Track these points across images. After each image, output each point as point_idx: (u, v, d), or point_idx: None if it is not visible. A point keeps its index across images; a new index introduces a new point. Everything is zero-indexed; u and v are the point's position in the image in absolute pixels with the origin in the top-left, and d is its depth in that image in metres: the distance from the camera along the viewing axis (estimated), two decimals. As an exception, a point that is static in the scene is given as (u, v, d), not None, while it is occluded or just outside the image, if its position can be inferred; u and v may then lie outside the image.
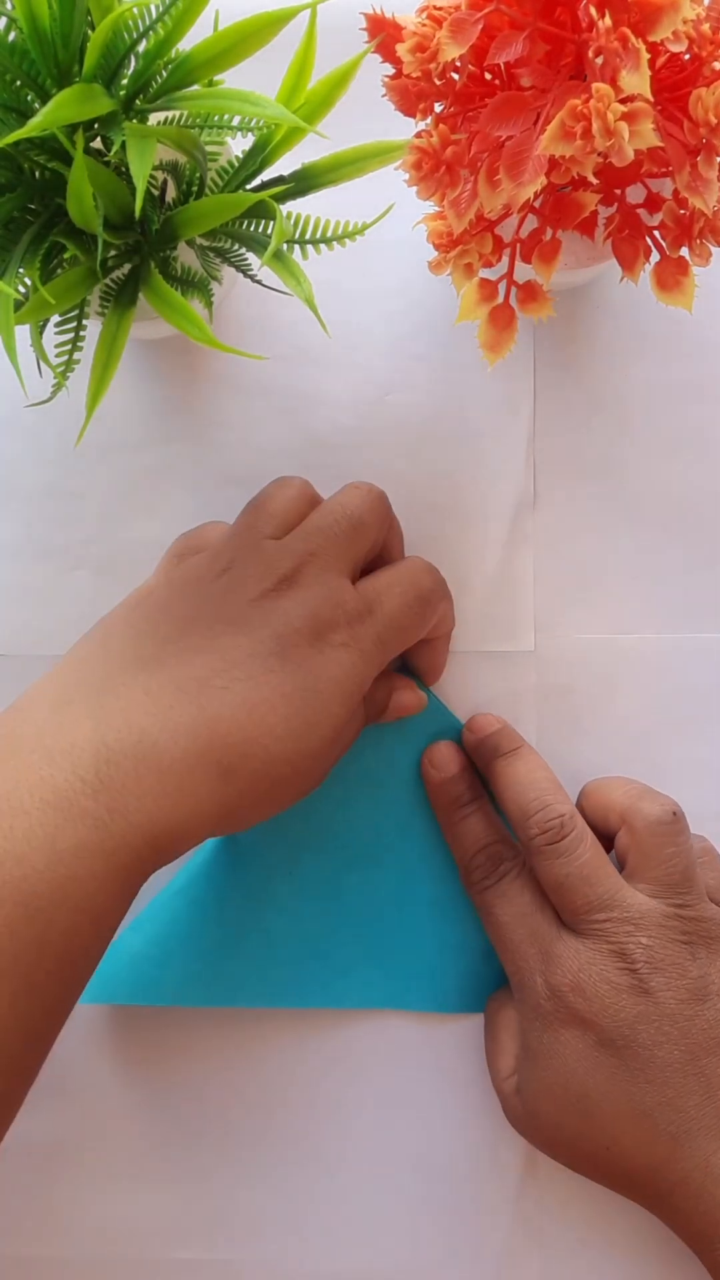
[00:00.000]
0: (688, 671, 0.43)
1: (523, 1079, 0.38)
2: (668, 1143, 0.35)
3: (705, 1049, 0.36)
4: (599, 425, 0.43)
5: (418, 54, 0.29)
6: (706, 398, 0.43)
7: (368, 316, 0.43)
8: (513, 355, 0.42)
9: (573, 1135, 0.37)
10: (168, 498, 0.43)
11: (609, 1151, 0.36)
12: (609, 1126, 0.36)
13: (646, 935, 0.37)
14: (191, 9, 0.30)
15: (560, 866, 0.38)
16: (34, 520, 0.43)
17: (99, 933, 0.32)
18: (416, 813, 0.42)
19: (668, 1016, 0.36)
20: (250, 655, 0.34)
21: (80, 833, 0.31)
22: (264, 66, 0.32)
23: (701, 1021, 0.36)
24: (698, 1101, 0.36)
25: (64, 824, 0.31)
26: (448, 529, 0.43)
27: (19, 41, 0.30)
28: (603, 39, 0.27)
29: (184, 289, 0.34)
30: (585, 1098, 0.36)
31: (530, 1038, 0.38)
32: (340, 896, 0.42)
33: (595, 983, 0.36)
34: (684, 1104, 0.36)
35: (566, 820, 0.38)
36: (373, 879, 0.42)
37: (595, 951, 0.37)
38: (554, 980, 0.37)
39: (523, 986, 0.38)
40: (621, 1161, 0.36)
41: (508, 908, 0.39)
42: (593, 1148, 0.36)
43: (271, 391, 0.43)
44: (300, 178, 0.34)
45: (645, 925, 0.37)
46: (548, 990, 0.37)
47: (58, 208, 0.32)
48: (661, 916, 0.37)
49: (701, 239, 0.32)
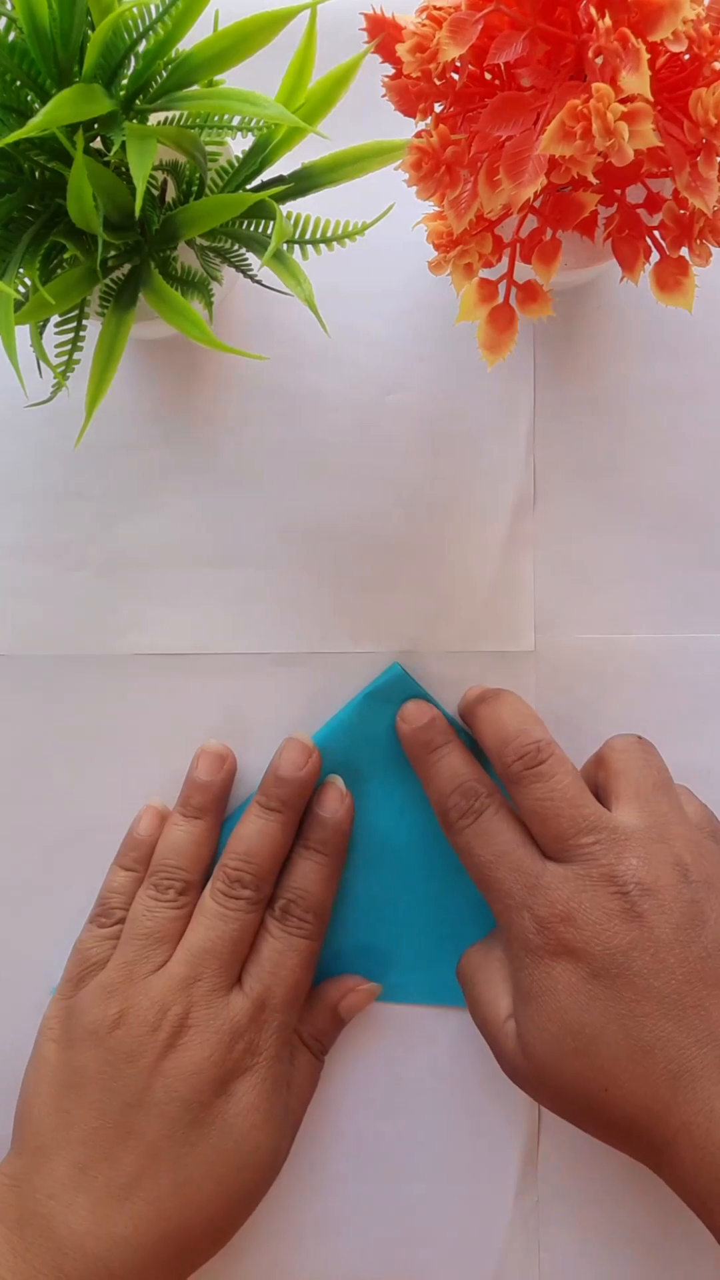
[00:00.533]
0: (688, 671, 0.43)
1: (519, 1023, 0.37)
2: (668, 1083, 0.34)
3: (704, 980, 0.34)
4: (599, 425, 0.43)
5: (418, 54, 0.29)
6: (706, 398, 0.43)
7: (368, 317, 0.43)
8: (513, 355, 0.42)
9: (571, 1078, 0.35)
10: (168, 498, 0.43)
11: (608, 1094, 0.34)
12: (608, 1065, 0.34)
13: (635, 856, 0.35)
14: (191, 9, 0.30)
15: (540, 791, 0.37)
16: (34, 520, 0.43)
17: None
18: (410, 808, 0.42)
19: (663, 943, 0.34)
20: (168, 1138, 0.36)
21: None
22: (264, 66, 0.32)
23: (698, 949, 0.35)
24: (698, 1038, 0.34)
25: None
26: (448, 529, 0.43)
27: (19, 41, 0.30)
28: (603, 39, 0.27)
29: (184, 289, 0.34)
30: (580, 1034, 0.35)
31: (522, 977, 0.36)
32: (340, 892, 0.42)
33: (585, 909, 0.35)
34: (683, 1040, 0.34)
35: (544, 745, 0.38)
36: (370, 875, 0.42)
37: (584, 878, 0.36)
38: (541, 912, 0.36)
39: (510, 925, 0.37)
40: (621, 1105, 0.34)
41: (487, 846, 0.38)
42: (592, 1090, 0.35)
43: (271, 391, 0.43)
44: (300, 178, 0.34)
45: (633, 845, 0.36)
46: (535, 924, 0.36)
47: (58, 208, 0.32)
48: (649, 833, 0.36)
49: (701, 239, 0.32)
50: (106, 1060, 0.37)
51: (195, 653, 0.43)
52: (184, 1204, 0.36)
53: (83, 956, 0.40)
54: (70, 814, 0.43)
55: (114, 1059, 0.37)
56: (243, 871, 0.40)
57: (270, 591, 0.43)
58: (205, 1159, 0.37)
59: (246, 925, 0.39)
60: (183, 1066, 0.37)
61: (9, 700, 0.43)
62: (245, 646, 0.43)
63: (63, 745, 0.43)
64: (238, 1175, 0.37)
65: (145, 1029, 0.37)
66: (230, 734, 0.43)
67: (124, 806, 0.43)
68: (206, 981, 0.38)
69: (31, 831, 0.43)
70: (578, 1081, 0.35)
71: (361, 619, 0.43)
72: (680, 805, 0.38)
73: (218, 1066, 0.37)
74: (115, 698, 0.43)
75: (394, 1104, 0.42)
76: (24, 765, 0.43)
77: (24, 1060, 0.40)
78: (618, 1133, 0.35)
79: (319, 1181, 0.42)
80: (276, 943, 0.39)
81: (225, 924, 0.39)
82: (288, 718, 0.43)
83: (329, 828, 0.41)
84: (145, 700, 0.43)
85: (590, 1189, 0.41)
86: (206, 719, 0.43)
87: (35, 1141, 0.37)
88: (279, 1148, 0.38)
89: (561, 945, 0.35)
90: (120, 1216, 0.36)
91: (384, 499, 0.43)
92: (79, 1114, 0.37)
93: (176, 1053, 0.37)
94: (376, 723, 0.42)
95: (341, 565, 0.43)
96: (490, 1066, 0.40)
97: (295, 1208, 0.42)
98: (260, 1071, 0.38)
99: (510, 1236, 0.41)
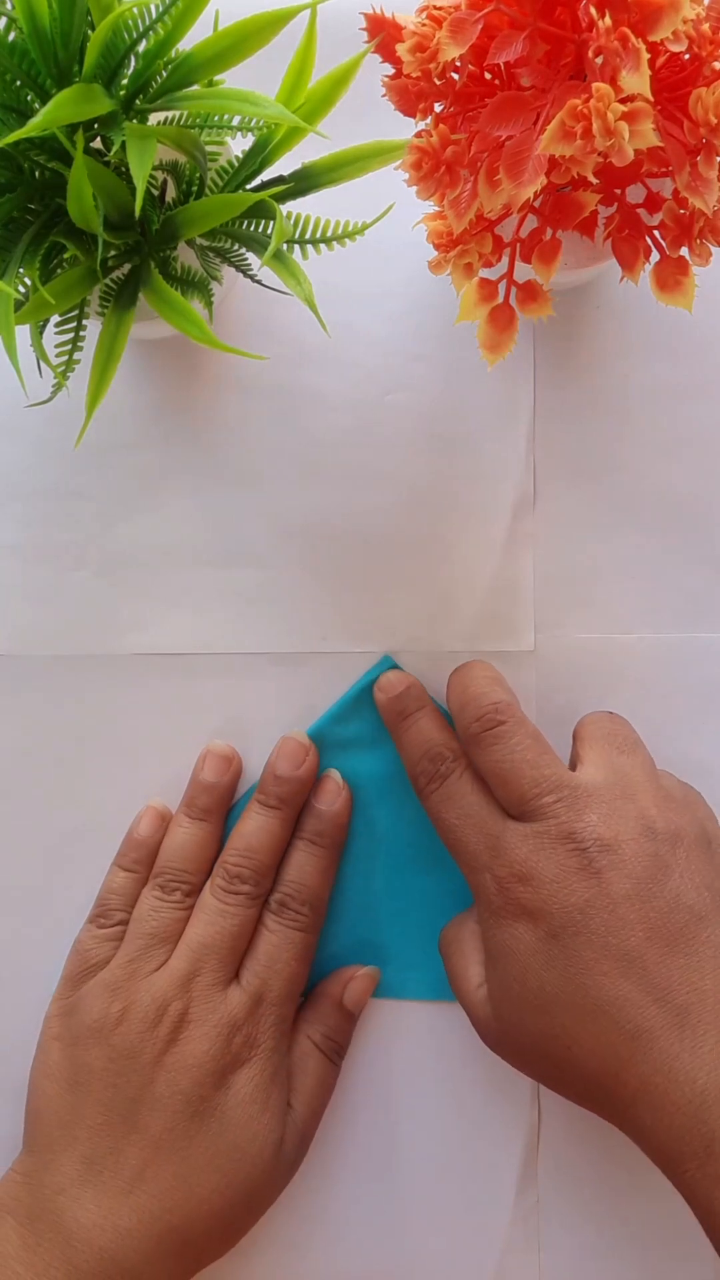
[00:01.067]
0: (688, 671, 0.43)
1: (489, 987, 0.37)
2: (627, 1042, 0.33)
3: (665, 935, 0.34)
4: (599, 425, 0.43)
5: (418, 54, 0.29)
6: (706, 398, 0.43)
7: (368, 316, 0.43)
8: (513, 355, 0.42)
9: (536, 1037, 0.35)
10: (168, 498, 0.43)
11: (570, 1052, 0.34)
12: (568, 1025, 0.34)
13: (595, 813, 0.35)
14: (191, 9, 0.30)
15: (498, 752, 0.37)
16: (34, 520, 0.43)
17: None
18: (406, 801, 0.42)
19: (620, 899, 0.34)
20: (170, 1130, 0.37)
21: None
22: (264, 66, 0.32)
23: (660, 903, 0.34)
24: (657, 997, 0.33)
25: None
26: (447, 529, 0.43)
27: (19, 41, 0.30)
28: (603, 39, 0.27)
29: (184, 289, 0.34)
30: (541, 994, 0.34)
31: (487, 939, 0.36)
32: (337, 889, 0.42)
33: (543, 868, 0.35)
34: (641, 999, 0.33)
35: (502, 706, 0.38)
36: (367, 871, 0.42)
37: (542, 836, 0.35)
38: (501, 873, 0.36)
39: (476, 888, 0.37)
40: (584, 1063, 0.34)
41: (453, 809, 0.38)
42: (556, 1050, 0.34)
43: (271, 391, 0.43)
44: (300, 178, 0.34)
45: (594, 802, 0.35)
46: (496, 885, 0.36)
47: (58, 208, 0.32)
48: (611, 791, 0.36)
49: (701, 239, 0.32)
50: (110, 1057, 0.38)
51: (195, 653, 0.43)
52: (187, 1196, 0.36)
53: (82, 957, 0.40)
54: (70, 814, 0.43)
55: (117, 1055, 0.38)
56: (243, 867, 0.40)
57: (270, 591, 0.43)
58: (206, 1150, 0.37)
59: (246, 920, 0.40)
60: (183, 1061, 0.37)
61: (9, 700, 0.43)
62: (245, 646, 0.43)
63: (63, 745, 0.43)
64: (238, 1167, 0.37)
65: (146, 1025, 0.38)
66: (230, 734, 0.43)
67: (124, 806, 0.43)
68: (206, 976, 0.38)
69: (31, 831, 0.43)
70: (541, 1041, 0.35)
71: (362, 619, 0.43)
72: (649, 764, 0.38)
73: (217, 1060, 0.38)
74: (115, 698, 0.43)
75: (393, 1103, 0.42)
76: (23, 765, 0.43)
77: (23, 1059, 0.40)
78: (583, 1092, 0.35)
79: (318, 1181, 0.42)
80: (273, 936, 0.40)
81: (225, 919, 0.39)
82: (288, 718, 0.43)
83: (326, 819, 0.41)
84: (145, 700, 0.43)
85: (590, 1189, 0.41)
86: (206, 719, 0.43)
87: (45, 1138, 0.38)
88: (281, 1140, 0.38)
89: (520, 906, 0.35)
90: (125, 1210, 0.36)
91: (384, 499, 0.43)
92: (85, 1110, 0.37)
93: (177, 1048, 0.38)
94: (369, 716, 0.42)
95: (341, 565, 0.43)
96: (491, 1064, 0.40)
97: (295, 1207, 0.42)
98: (258, 1064, 0.38)
99: (510, 1236, 0.41)
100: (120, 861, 0.42)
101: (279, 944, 0.40)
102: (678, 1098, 0.33)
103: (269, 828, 0.41)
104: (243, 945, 0.40)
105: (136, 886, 0.41)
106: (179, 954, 0.39)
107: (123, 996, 0.38)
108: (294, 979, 0.40)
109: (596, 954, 0.34)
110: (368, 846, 0.42)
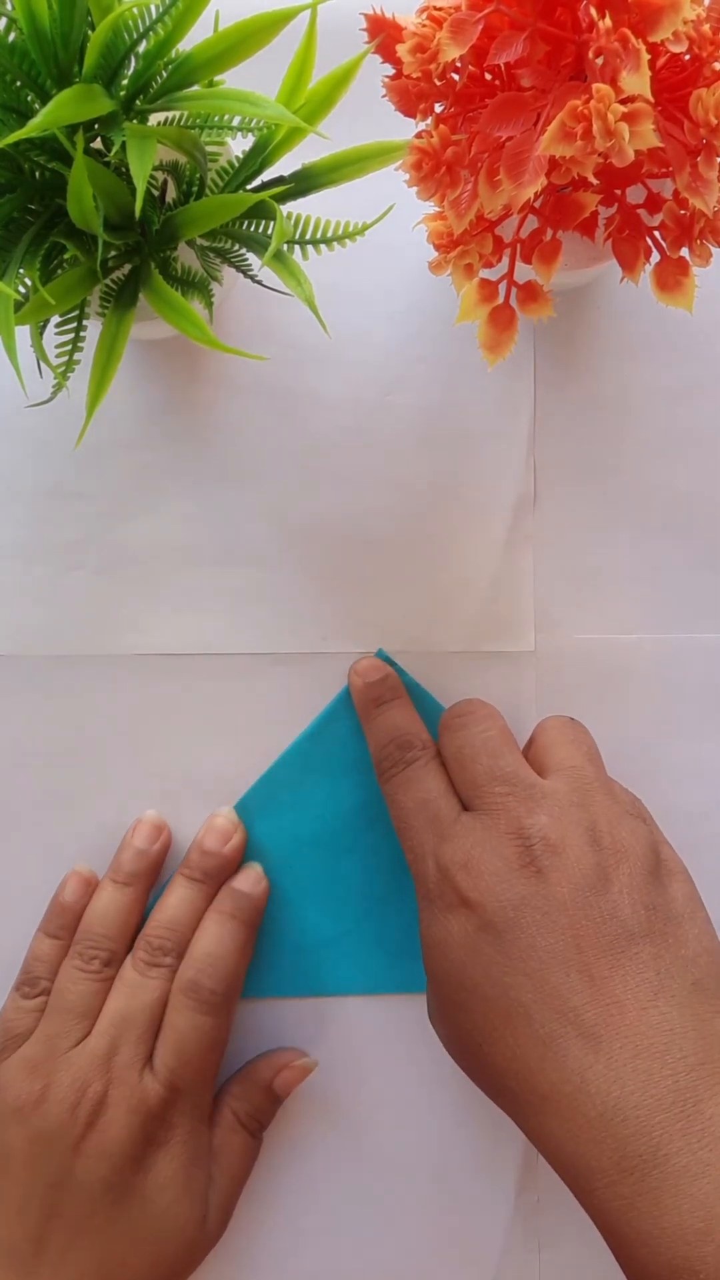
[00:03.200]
0: (688, 671, 0.43)
1: (427, 976, 0.37)
2: (538, 1047, 0.32)
3: (594, 945, 0.33)
4: (599, 425, 0.43)
5: (418, 54, 0.29)
6: (706, 398, 0.43)
7: (368, 317, 0.43)
8: (513, 355, 0.42)
9: (456, 1031, 0.34)
10: (168, 498, 0.43)
11: (482, 1050, 0.34)
12: (481, 1021, 0.34)
13: (547, 814, 0.35)
14: (191, 9, 0.30)
15: (462, 737, 0.37)
16: (34, 520, 0.43)
17: None
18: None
19: (557, 902, 0.34)
20: (90, 1216, 0.37)
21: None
22: (264, 66, 0.32)
23: (595, 913, 0.33)
24: (578, 1004, 0.33)
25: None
26: (448, 529, 0.43)
27: (19, 41, 0.30)
28: (603, 39, 0.27)
29: (184, 289, 0.34)
30: (462, 987, 0.34)
31: (423, 929, 0.36)
32: (333, 886, 0.42)
33: (486, 858, 0.35)
34: (561, 1005, 0.33)
35: (478, 702, 0.38)
36: (362, 865, 0.42)
37: (490, 828, 0.35)
38: (444, 859, 0.35)
39: (419, 878, 0.37)
40: (495, 1062, 0.33)
41: (410, 793, 0.38)
42: (471, 1045, 0.34)
43: (271, 391, 0.43)
44: (300, 178, 0.34)
45: (547, 804, 0.35)
46: (437, 871, 0.36)
47: (58, 208, 0.32)
48: (567, 797, 0.35)
49: (702, 239, 0.32)
50: (30, 1139, 0.37)
51: (195, 653, 0.43)
52: (109, 1279, 0.37)
53: (6, 1028, 0.40)
54: (70, 814, 0.43)
55: (37, 1137, 0.37)
56: (165, 940, 0.40)
57: (270, 591, 0.43)
58: (127, 1235, 0.37)
59: (166, 994, 0.39)
60: (102, 1147, 0.37)
61: (8, 700, 0.43)
62: (245, 646, 0.43)
63: (63, 745, 0.43)
64: (162, 1249, 0.37)
65: (65, 1108, 0.37)
66: (229, 734, 0.43)
67: (123, 807, 0.43)
68: (124, 1053, 0.38)
69: (31, 831, 0.43)
70: (460, 1035, 0.35)
71: (362, 619, 0.43)
72: (606, 780, 0.38)
73: (136, 1145, 0.37)
74: (115, 698, 0.43)
75: (393, 1102, 0.42)
76: (23, 765, 0.43)
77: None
78: (495, 1091, 0.35)
79: (317, 1181, 0.42)
80: (181, 1020, 0.39)
81: (145, 993, 0.39)
82: (287, 718, 0.43)
83: (245, 898, 0.41)
84: (145, 700, 0.43)
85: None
86: (207, 719, 0.43)
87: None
88: (202, 1219, 0.38)
89: (459, 894, 0.35)
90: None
91: (384, 499, 0.43)
92: (7, 1191, 0.37)
93: (95, 1133, 0.37)
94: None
95: (341, 565, 0.43)
96: (490, 1066, 0.40)
97: (294, 1207, 0.42)
98: (177, 1145, 0.38)
99: (510, 1236, 0.41)
100: (45, 928, 0.42)
101: (186, 1031, 0.39)
102: (589, 1109, 0.32)
103: (192, 900, 0.40)
104: (160, 1016, 0.39)
105: (60, 953, 0.41)
106: (98, 1030, 0.39)
107: (42, 1075, 0.38)
108: (205, 1069, 0.39)
109: (523, 952, 0.33)
110: (368, 843, 0.42)
